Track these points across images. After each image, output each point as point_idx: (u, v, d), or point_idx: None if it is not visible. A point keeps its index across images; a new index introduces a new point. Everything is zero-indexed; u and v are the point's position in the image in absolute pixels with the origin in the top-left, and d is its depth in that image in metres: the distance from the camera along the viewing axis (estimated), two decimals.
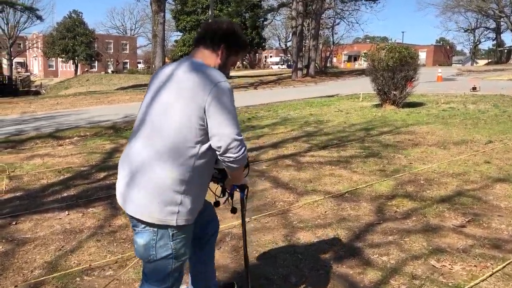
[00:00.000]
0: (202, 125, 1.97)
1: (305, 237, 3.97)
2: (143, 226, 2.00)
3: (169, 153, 1.94)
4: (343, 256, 3.60)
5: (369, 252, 3.65)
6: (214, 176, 2.35)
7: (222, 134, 1.95)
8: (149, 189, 1.94)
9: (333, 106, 14.31)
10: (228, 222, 4.30)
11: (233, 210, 2.52)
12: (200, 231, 2.47)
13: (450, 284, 3.12)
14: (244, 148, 1.99)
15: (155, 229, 1.99)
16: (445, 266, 3.37)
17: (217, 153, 1.98)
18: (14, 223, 4.51)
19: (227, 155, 1.95)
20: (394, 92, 12.72)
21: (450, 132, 8.79)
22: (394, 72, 12.36)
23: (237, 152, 1.96)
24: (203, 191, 2.14)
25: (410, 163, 6.43)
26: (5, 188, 5.79)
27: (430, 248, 3.69)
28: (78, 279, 3.34)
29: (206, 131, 1.98)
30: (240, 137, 1.98)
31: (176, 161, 1.95)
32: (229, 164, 2.00)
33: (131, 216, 2.02)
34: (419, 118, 10.92)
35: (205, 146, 1.99)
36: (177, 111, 1.97)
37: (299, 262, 3.51)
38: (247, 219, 4.41)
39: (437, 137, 8.35)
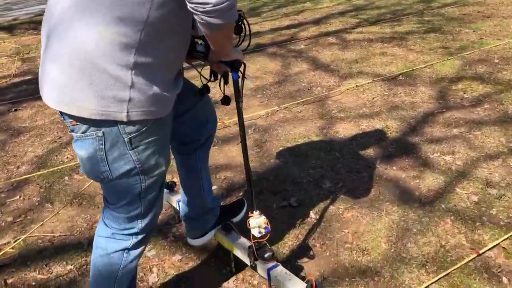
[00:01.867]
0: None
1: (345, 129, 3.20)
2: (82, 130, 1.26)
3: None
4: (393, 155, 2.83)
5: (427, 150, 2.85)
6: (195, 50, 1.53)
7: None
8: (74, 62, 1.16)
9: None
10: (252, 112, 3.57)
11: (225, 101, 1.71)
12: (189, 136, 1.73)
13: None
14: None
15: (100, 133, 1.24)
16: None
17: None
18: (14, 109, 3.99)
19: (201, 0, 1.11)
20: None
21: None
22: None
23: None
24: (174, 67, 1.34)
25: (481, 38, 5.27)
26: (15, 71, 5.26)
27: (510, 145, 2.83)
28: (66, 178, 2.79)
29: None
30: None
31: (115, 12, 1.13)
32: (205, 18, 1.14)
33: (61, 112, 1.28)
34: None
35: None
36: None
37: (335, 162, 2.78)
38: (275, 108, 3.67)
39: None
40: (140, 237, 1.48)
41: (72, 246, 2.20)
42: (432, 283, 1.83)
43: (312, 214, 2.33)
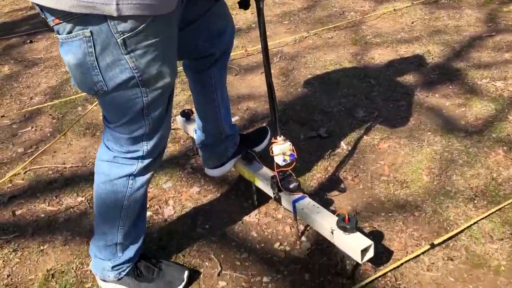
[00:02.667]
0: None
1: (382, 55, 2.89)
2: (67, 30, 1.04)
3: None
4: (435, 81, 2.54)
5: (474, 76, 2.54)
6: None
7: None
8: None
9: None
10: (277, 39, 3.27)
11: (243, 3, 1.42)
12: (201, 49, 1.49)
13: None
14: None
15: (87, 32, 1.02)
16: None
17: None
18: (29, 41, 3.80)
19: None
20: None
21: None
22: None
23: None
24: None
25: None
26: (32, 3, 5.04)
27: None
28: (80, 108, 2.63)
29: None
30: None
31: None
32: None
33: (41, 9, 1.05)
34: None
35: None
36: None
37: (370, 90, 2.51)
38: (304, 34, 3.36)
39: None
40: (146, 161, 1.29)
41: (83, 178, 2.05)
42: (482, 218, 1.61)
43: (343, 145, 2.10)
